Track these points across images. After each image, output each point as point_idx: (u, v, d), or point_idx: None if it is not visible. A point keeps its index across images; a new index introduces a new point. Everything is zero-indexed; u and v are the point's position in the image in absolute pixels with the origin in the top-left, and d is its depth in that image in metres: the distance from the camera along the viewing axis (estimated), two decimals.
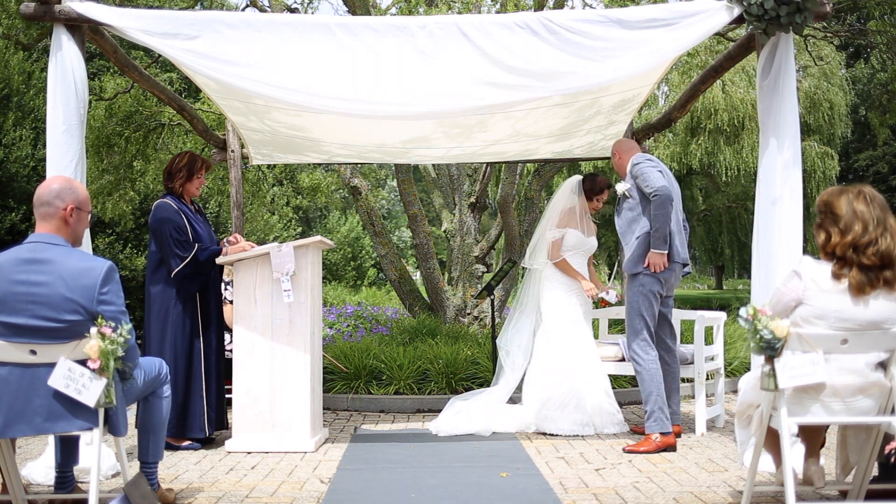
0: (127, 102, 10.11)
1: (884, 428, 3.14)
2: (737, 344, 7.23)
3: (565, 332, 5.39)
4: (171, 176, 5.11)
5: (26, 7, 4.50)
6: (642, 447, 4.68)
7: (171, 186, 5.10)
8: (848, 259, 3.08)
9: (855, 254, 3.07)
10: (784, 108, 4.59)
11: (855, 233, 3.08)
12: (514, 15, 4.68)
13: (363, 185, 9.31)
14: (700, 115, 15.57)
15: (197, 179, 5.14)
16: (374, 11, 9.00)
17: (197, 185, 5.15)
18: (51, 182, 3.30)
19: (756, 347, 3.06)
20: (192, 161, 5.13)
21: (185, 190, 5.11)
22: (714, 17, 4.54)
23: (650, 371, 4.84)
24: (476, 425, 5.24)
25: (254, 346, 4.84)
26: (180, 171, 5.09)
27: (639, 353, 4.88)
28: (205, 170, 5.20)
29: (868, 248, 3.05)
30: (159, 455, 3.61)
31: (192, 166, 5.11)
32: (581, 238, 5.53)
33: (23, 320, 3.04)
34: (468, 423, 5.25)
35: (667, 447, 4.68)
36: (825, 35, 10.63)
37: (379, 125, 5.87)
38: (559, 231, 5.51)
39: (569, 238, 5.50)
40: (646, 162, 4.94)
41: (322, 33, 4.51)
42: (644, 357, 4.87)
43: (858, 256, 3.06)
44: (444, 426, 5.28)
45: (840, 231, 3.11)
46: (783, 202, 4.55)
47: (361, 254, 25.80)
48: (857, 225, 3.09)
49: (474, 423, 5.25)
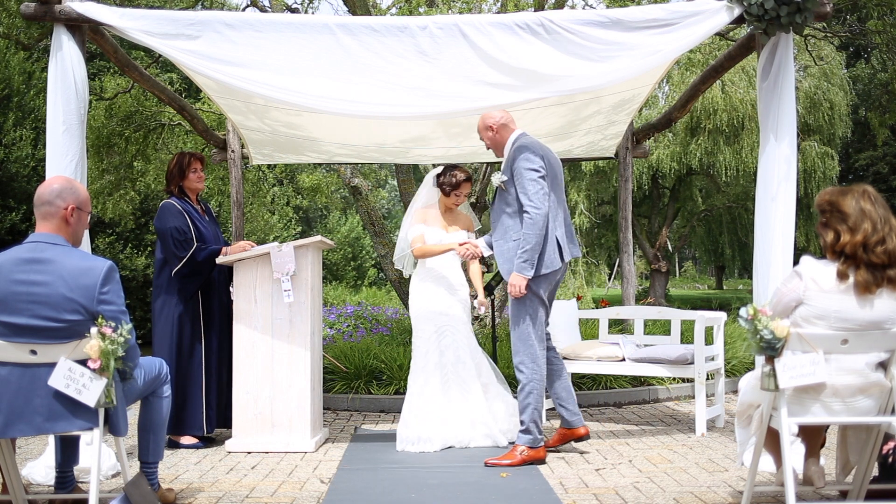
0: (127, 102, 10.11)
1: (884, 428, 3.14)
2: (737, 344, 7.23)
3: (428, 350, 4.99)
4: (168, 180, 5.23)
5: (27, 7, 4.51)
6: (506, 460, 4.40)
7: (170, 189, 5.19)
8: (858, 258, 3.07)
9: (864, 252, 3.06)
10: (783, 109, 4.61)
11: (865, 231, 3.07)
12: (514, 15, 4.68)
13: (363, 185, 9.31)
14: (700, 115, 15.60)
15: (192, 174, 5.18)
16: (374, 11, 9.01)
17: (194, 179, 5.19)
18: (51, 182, 3.30)
19: (756, 347, 3.06)
20: (180, 160, 5.21)
21: (185, 188, 5.17)
22: (714, 18, 4.54)
23: (535, 382, 4.43)
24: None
25: (254, 346, 4.84)
26: (172, 172, 5.19)
27: (528, 364, 4.44)
28: (198, 162, 5.23)
29: (878, 246, 3.05)
30: (160, 455, 3.61)
31: (182, 163, 5.18)
32: (443, 234, 5.10)
33: (23, 320, 3.04)
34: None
35: (534, 460, 4.41)
36: (825, 35, 10.64)
37: (379, 125, 5.88)
38: (418, 228, 5.10)
39: (428, 238, 5.07)
40: (527, 161, 4.39)
41: (323, 33, 4.51)
42: (533, 367, 4.44)
43: (868, 255, 3.05)
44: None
45: (850, 229, 3.10)
46: (779, 201, 4.58)
47: (362, 254, 25.78)
48: (867, 223, 3.08)
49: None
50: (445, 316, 5.02)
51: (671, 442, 4.98)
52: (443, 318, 5.01)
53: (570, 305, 6.18)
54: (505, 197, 4.54)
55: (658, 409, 6.29)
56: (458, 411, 4.91)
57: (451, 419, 4.89)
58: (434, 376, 4.94)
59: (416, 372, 5.01)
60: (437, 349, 4.98)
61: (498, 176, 4.60)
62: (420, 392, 4.95)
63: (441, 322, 5.00)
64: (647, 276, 24.04)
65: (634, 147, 7.30)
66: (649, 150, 8.23)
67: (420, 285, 5.12)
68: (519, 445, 4.46)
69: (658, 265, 19.33)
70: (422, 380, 4.97)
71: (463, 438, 4.88)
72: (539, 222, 4.34)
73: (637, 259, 24.90)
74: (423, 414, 4.88)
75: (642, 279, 27.59)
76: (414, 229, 5.12)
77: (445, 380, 4.95)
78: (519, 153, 4.46)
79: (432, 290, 5.07)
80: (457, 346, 5.00)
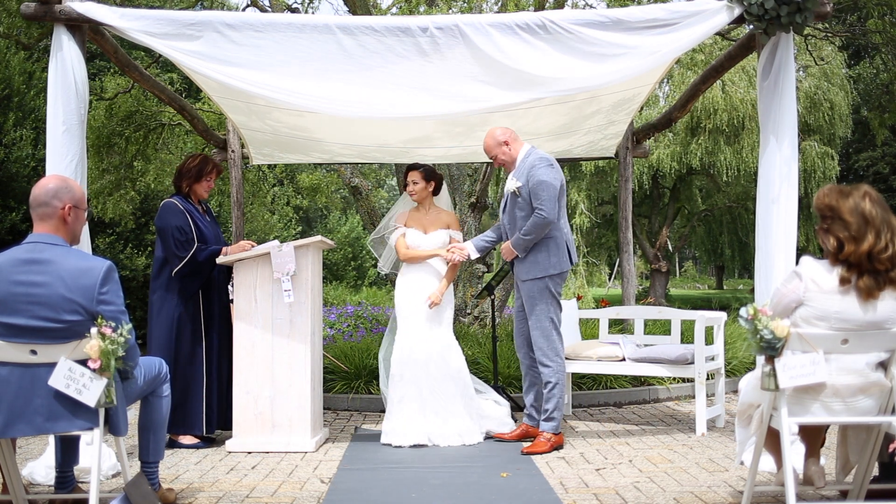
0: (127, 102, 10.12)
1: (884, 428, 3.14)
2: (737, 344, 7.22)
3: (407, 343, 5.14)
4: (181, 175, 5.17)
5: (27, 7, 4.51)
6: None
7: (179, 185, 5.16)
8: (862, 265, 3.03)
9: (869, 261, 3.03)
10: (784, 109, 4.60)
11: (869, 242, 3.02)
12: (514, 15, 4.68)
13: (364, 185, 9.31)
14: (700, 114, 15.60)
15: (206, 182, 5.18)
16: (374, 11, 9.01)
17: (205, 187, 5.20)
18: (46, 182, 3.28)
19: (756, 347, 3.05)
20: (203, 163, 5.18)
21: (192, 190, 5.17)
22: (714, 18, 4.54)
23: (560, 375, 4.80)
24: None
25: (254, 346, 4.84)
26: (190, 171, 5.15)
27: (553, 358, 4.79)
28: (215, 173, 5.25)
29: (882, 254, 3.02)
30: (160, 455, 3.61)
31: (203, 168, 5.16)
32: (421, 237, 5.26)
33: (23, 321, 3.04)
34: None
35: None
36: (826, 35, 10.63)
37: (381, 124, 5.87)
38: (398, 232, 5.30)
39: (409, 238, 5.27)
40: (550, 171, 4.73)
41: (323, 34, 4.51)
42: (557, 361, 4.79)
43: (872, 263, 3.02)
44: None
45: (853, 238, 3.05)
46: (780, 201, 4.57)
47: (362, 254, 25.77)
48: (871, 233, 3.03)
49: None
50: (419, 313, 5.16)
51: (671, 442, 4.98)
52: (418, 315, 5.16)
53: (570, 305, 6.18)
54: (517, 202, 4.83)
55: (658, 409, 6.29)
56: (430, 408, 5.02)
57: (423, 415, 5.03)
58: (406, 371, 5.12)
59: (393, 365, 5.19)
60: (408, 346, 5.12)
61: (513, 182, 4.82)
62: (395, 385, 5.13)
63: (414, 318, 5.17)
64: (647, 276, 24.05)
65: (634, 147, 7.30)
66: (649, 150, 8.23)
67: (400, 280, 5.33)
68: (545, 433, 4.75)
69: (658, 265, 19.34)
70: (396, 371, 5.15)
71: (433, 433, 4.97)
72: (545, 225, 4.71)
73: (637, 259, 24.91)
74: (395, 410, 5.06)
75: (642, 279, 27.59)
76: (394, 234, 5.35)
77: (416, 375, 5.08)
78: (542, 163, 4.77)
79: (412, 287, 5.21)
80: (428, 343, 5.11)
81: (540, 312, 4.82)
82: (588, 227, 18.90)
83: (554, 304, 4.85)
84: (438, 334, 5.15)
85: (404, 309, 5.22)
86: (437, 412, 4.99)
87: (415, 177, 5.28)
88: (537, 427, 4.91)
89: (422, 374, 5.03)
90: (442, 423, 4.97)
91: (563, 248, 4.84)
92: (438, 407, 5.00)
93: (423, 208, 5.34)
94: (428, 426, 4.96)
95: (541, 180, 4.69)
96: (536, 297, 4.82)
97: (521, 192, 4.77)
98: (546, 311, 4.82)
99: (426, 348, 5.08)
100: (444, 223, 5.31)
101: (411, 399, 5.01)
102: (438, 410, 5.00)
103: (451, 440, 4.92)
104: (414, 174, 5.29)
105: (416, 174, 5.29)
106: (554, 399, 4.78)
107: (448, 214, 5.39)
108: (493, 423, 5.18)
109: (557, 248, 4.82)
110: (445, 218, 5.34)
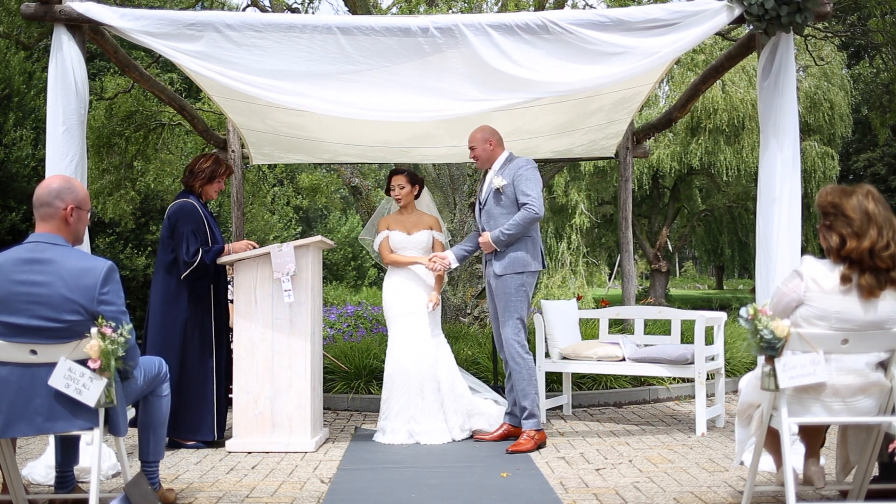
0: (127, 102, 10.11)
1: (884, 428, 3.14)
2: (737, 344, 7.22)
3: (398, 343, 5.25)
4: (193, 174, 5.12)
5: (27, 7, 4.50)
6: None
7: (192, 185, 5.12)
8: (863, 263, 3.03)
9: (871, 258, 3.03)
10: (784, 109, 4.59)
11: (871, 238, 3.02)
12: (514, 15, 4.68)
13: (363, 185, 9.31)
14: (700, 114, 15.59)
15: (217, 183, 5.18)
16: (374, 11, 9.01)
17: (216, 188, 5.19)
18: (49, 182, 3.29)
19: (756, 347, 3.05)
20: (215, 164, 5.17)
21: (203, 191, 5.14)
22: (714, 18, 4.54)
23: (531, 370, 4.89)
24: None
25: (254, 346, 4.85)
26: (203, 172, 5.11)
27: (523, 354, 4.87)
28: (227, 175, 5.25)
29: (884, 252, 3.02)
30: (160, 454, 3.61)
31: (216, 170, 5.15)
32: (405, 237, 5.33)
33: (23, 320, 3.04)
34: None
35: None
36: (826, 35, 10.63)
37: (383, 124, 5.87)
38: (381, 235, 5.39)
39: (392, 239, 5.35)
40: (534, 171, 4.90)
41: (323, 34, 4.51)
42: (527, 357, 4.88)
43: (874, 260, 3.02)
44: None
45: (855, 235, 3.05)
46: (783, 202, 4.56)
47: (362, 254, 25.75)
48: (873, 229, 3.04)
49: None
50: (411, 314, 5.24)
51: (671, 442, 4.98)
52: (409, 316, 5.24)
53: (570, 305, 6.19)
54: (500, 199, 4.91)
55: (658, 409, 6.29)
56: (416, 406, 5.09)
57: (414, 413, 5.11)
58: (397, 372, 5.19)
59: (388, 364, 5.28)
60: (398, 346, 5.22)
61: (499, 179, 4.92)
62: (385, 385, 5.22)
63: (405, 319, 5.26)
64: (647, 276, 24.05)
65: (634, 147, 7.30)
66: (649, 150, 8.23)
67: (388, 282, 5.41)
68: (528, 430, 4.77)
69: (658, 265, 19.33)
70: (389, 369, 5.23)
71: (414, 430, 5.04)
72: (532, 220, 4.81)
73: (637, 259, 24.91)
74: (384, 408, 5.16)
75: (642, 279, 27.60)
76: (378, 237, 5.42)
77: (407, 375, 5.16)
78: (529, 165, 4.93)
79: (399, 289, 5.30)
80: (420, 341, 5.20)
81: (512, 309, 4.87)
82: (588, 227, 18.88)
83: (525, 304, 4.90)
84: (428, 333, 5.23)
85: (393, 310, 5.30)
86: (423, 410, 5.08)
87: (400, 181, 5.37)
88: (519, 427, 4.93)
89: (412, 372, 5.11)
90: (431, 421, 5.06)
91: (539, 248, 4.96)
92: (424, 406, 5.09)
93: (406, 211, 5.43)
94: (413, 424, 5.04)
95: (530, 178, 4.85)
96: (512, 294, 4.87)
97: (505, 191, 4.88)
98: (518, 308, 4.88)
99: (416, 348, 5.16)
100: (427, 224, 5.42)
101: (399, 398, 5.10)
102: (424, 409, 5.08)
103: (436, 437, 5.01)
104: (399, 178, 5.38)
105: (401, 178, 5.37)
106: (530, 396, 4.83)
107: (430, 217, 5.50)
108: (483, 422, 5.20)
109: (535, 248, 4.93)
110: (428, 220, 5.45)
